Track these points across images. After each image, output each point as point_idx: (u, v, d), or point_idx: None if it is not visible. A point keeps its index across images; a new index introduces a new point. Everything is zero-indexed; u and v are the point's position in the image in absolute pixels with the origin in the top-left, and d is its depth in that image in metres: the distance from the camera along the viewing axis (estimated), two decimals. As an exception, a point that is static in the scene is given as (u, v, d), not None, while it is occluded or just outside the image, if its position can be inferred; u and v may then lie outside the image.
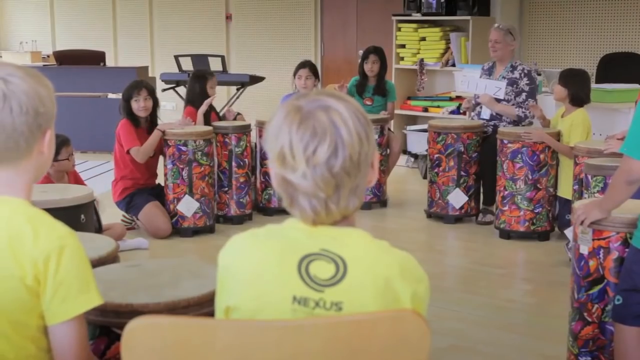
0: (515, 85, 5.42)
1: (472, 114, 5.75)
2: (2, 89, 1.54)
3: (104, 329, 1.97)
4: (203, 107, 5.44)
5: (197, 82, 5.58)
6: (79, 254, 1.57)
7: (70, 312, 1.55)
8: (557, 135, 4.85)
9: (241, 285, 1.36)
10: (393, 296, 1.33)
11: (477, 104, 5.65)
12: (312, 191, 1.32)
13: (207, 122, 5.46)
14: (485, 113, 5.55)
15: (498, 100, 5.44)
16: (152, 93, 5.10)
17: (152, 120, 5.17)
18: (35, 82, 1.60)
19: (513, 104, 5.42)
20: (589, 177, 3.95)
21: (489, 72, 5.63)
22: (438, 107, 7.62)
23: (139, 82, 5.15)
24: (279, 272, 1.33)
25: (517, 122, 5.39)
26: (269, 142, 1.37)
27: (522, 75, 5.43)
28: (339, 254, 1.34)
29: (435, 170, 5.44)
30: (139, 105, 5.02)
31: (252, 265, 1.36)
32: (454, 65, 7.48)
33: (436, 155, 5.43)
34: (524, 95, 5.40)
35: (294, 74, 6.02)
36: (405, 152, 7.40)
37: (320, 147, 1.31)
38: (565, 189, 4.78)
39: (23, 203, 1.60)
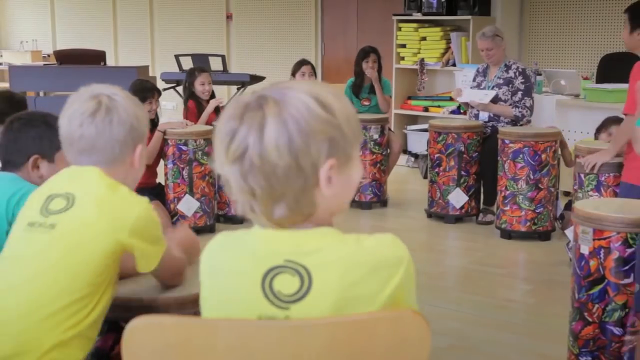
0: (510, 85, 5.42)
1: (470, 115, 5.75)
2: (107, 103, 1.90)
3: (113, 324, 1.97)
4: (209, 108, 5.45)
5: (187, 79, 5.64)
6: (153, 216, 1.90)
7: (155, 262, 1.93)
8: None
9: (210, 304, 1.33)
10: (363, 300, 1.26)
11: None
12: (237, 192, 1.28)
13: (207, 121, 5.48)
14: (483, 115, 5.56)
15: (495, 102, 5.44)
16: (159, 96, 5.21)
17: (152, 119, 5.19)
18: (133, 103, 1.96)
19: (510, 104, 5.42)
20: (582, 176, 3.98)
21: (484, 74, 5.64)
22: (438, 106, 7.62)
23: (154, 86, 5.25)
24: (245, 293, 1.27)
25: (515, 121, 5.38)
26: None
27: (517, 74, 5.42)
28: (302, 263, 1.25)
29: (436, 170, 5.44)
30: (151, 107, 5.07)
31: (220, 284, 1.32)
32: (454, 65, 7.48)
33: (437, 155, 5.43)
34: (519, 94, 5.40)
35: (294, 73, 6.03)
36: (405, 151, 7.40)
37: (231, 145, 1.23)
38: None
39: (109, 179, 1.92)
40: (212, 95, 5.74)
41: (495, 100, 5.45)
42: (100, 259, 1.83)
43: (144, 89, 5.10)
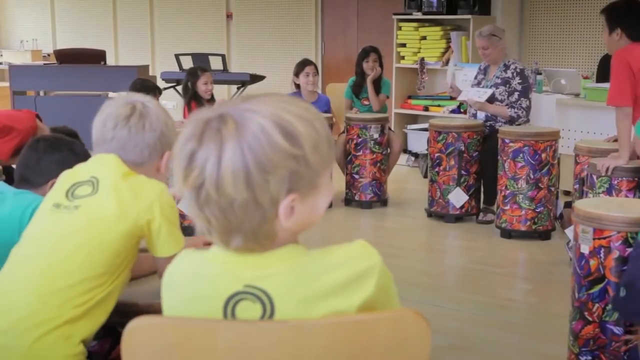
0: (507, 85, 5.42)
1: (470, 114, 5.76)
2: (140, 109, 2.02)
3: (109, 329, 1.97)
4: None
5: (189, 78, 5.62)
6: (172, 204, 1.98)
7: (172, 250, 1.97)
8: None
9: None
10: (335, 310, 1.22)
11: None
12: (193, 217, 1.23)
13: None
14: (481, 114, 5.57)
15: (493, 101, 5.45)
16: (159, 95, 5.28)
17: None
18: (164, 112, 2.07)
19: (507, 104, 5.42)
20: (594, 177, 3.94)
21: (484, 72, 5.65)
22: (439, 106, 7.62)
23: (155, 85, 5.32)
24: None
25: (511, 122, 5.38)
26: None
27: (515, 74, 5.42)
28: (263, 288, 1.20)
29: (436, 170, 5.44)
30: None
31: (181, 309, 1.28)
32: (455, 64, 7.47)
33: (437, 154, 5.43)
34: (516, 94, 5.40)
35: (297, 73, 6.03)
36: (405, 151, 7.40)
37: (191, 174, 1.17)
38: None
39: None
40: (212, 96, 5.74)
41: (491, 99, 5.45)
42: (119, 240, 1.90)
43: (146, 88, 5.13)
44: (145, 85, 5.20)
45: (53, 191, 1.99)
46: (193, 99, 5.59)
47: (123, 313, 1.94)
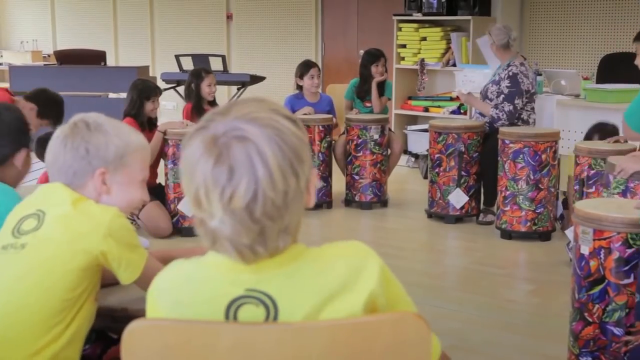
0: (498, 85, 5.44)
1: (474, 111, 5.79)
2: (72, 128, 1.92)
3: (101, 332, 1.97)
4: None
5: (193, 80, 5.58)
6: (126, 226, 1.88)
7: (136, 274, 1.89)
8: None
9: None
10: (340, 308, 1.22)
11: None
12: (234, 237, 1.19)
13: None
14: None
15: (485, 98, 5.49)
16: (160, 95, 5.27)
17: (153, 118, 5.22)
18: (102, 126, 1.94)
19: (496, 104, 5.43)
20: (611, 176, 3.92)
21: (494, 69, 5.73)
22: (439, 107, 7.62)
23: (156, 85, 5.27)
24: None
25: (492, 122, 5.40)
26: (184, 180, 1.22)
27: (506, 76, 5.42)
28: (265, 291, 1.21)
29: (436, 170, 5.44)
30: (154, 106, 5.13)
31: (179, 313, 1.27)
32: (454, 65, 7.47)
33: (437, 155, 5.43)
34: (501, 97, 5.40)
35: (301, 75, 6.01)
36: (405, 152, 7.40)
37: (237, 190, 1.16)
38: None
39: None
40: (214, 98, 5.72)
41: (484, 96, 5.49)
42: (72, 273, 1.81)
43: (149, 88, 5.13)
44: (146, 85, 5.19)
45: (2, 230, 1.90)
46: (191, 101, 5.56)
47: (113, 318, 1.93)
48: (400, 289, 1.32)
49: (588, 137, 5.33)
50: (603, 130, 5.19)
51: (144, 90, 5.11)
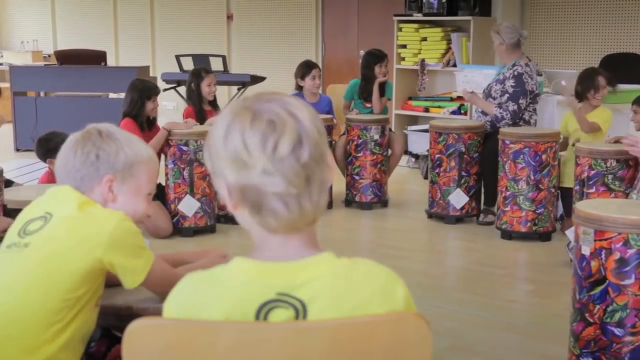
0: (502, 85, 5.43)
1: (475, 110, 5.79)
2: (85, 136, 1.95)
3: (106, 330, 1.98)
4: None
5: (193, 80, 5.58)
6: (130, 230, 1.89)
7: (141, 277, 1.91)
8: None
9: None
10: None
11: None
12: (282, 189, 1.20)
13: (203, 120, 5.45)
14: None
15: (488, 97, 5.48)
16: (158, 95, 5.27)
17: (152, 117, 5.22)
18: (114, 134, 1.99)
19: (499, 103, 5.42)
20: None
21: (500, 69, 5.72)
22: (439, 107, 7.62)
23: (155, 84, 5.28)
24: None
25: (495, 121, 5.39)
26: (217, 150, 1.24)
27: (511, 76, 5.41)
28: (297, 296, 1.22)
29: (436, 171, 5.44)
30: (154, 105, 5.13)
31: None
32: (455, 65, 7.48)
33: (437, 156, 5.43)
34: (506, 96, 5.40)
35: (302, 75, 6.00)
36: (406, 152, 7.40)
37: (282, 138, 1.20)
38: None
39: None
40: (214, 98, 5.72)
41: (487, 95, 5.48)
42: (74, 274, 1.83)
43: (149, 87, 5.13)
44: (146, 85, 5.18)
45: (10, 231, 1.94)
46: (192, 102, 5.56)
47: (118, 317, 1.93)
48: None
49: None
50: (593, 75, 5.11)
51: (144, 90, 5.11)
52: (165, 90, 8.25)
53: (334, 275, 1.24)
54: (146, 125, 5.12)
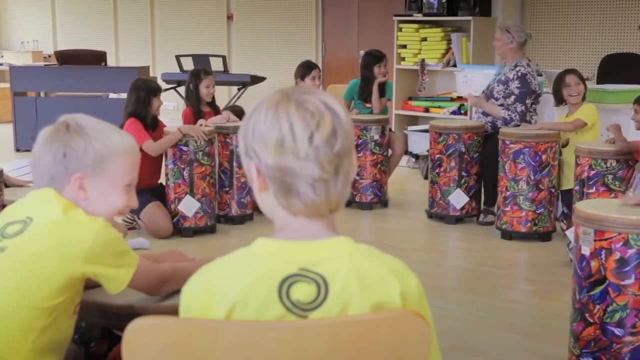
0: (506, 86, 5.42)
1: (475, 111, 5.77)
2: (52, 132, 1.89)
3: (107, 330, 1.97)
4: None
5: (192, 81, 5.56)
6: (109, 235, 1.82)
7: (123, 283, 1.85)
8: None
9: (220, 317, 1.29)
10: (380, 300, 1.28)
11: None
12: (316, 173, 1.28)
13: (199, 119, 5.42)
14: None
15: (490, 99, 5.47)
16: None
17: (156, 116, 5.22)
18: (83, 129, 1.89)
19: (502, 104, 5.42)
20: (638, 177, 3.92)
21: (502, 67, 5.70)
22: (439, 107, 7.62)
23: (158, 85, 5.29)
24: (261, 303, 1.27)
25: (504, 123, 5.38)
26: (259, 133, 1.31)
27: (515, 77, 5.41)
28: (318, 272, 1.28)
29: (436, 171, 5.44)
30: (160, 103, 5.15)
31: (232, 297, 1.28)
32: (455, 65, 7.48)
33: (437, 156, 5.43)
34: (512, 97, 5.40)
35: (302, 76, 5.97)
36: (406, 152, 7.40)
37: (320, 127, 1.29)
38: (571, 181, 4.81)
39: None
40: (213, 99, 5.71)
41: (489, 96, 5.47)
42: (49, 285, 1.77)
43: (153, 88, 5.13)
44: (148, 85, 5.17)
45: None
46: (190, 104, 5.54)
47: (119, 316, 1.92)
48: (429, 315, 1.38)
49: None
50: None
51: (150, 88, 5.10)
52: (165, 90, 8.25)
53: (352, 255, 1.31)
54: (151, 125, 5.11)
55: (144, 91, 5.06)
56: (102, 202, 1.87)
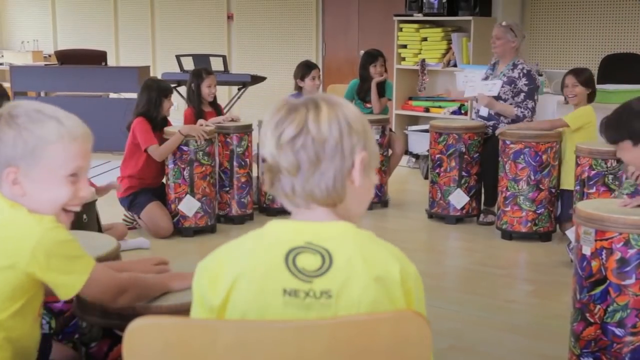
0: (513, 85, 5.42)
1: (475, 110, 5.76)
2: None
3: (107, 330, 1.97)
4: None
5: (193, 80, 5.55)
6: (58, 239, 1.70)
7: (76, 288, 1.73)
8: None
9: (227, 284, 1.35)
10: (381, 274, 1.35)
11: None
12: (283, 170, 1.36)
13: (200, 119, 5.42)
14: (484, 111, 5.56)
15: (497, 99, 5.45)
16: None
17: (165, 117, 5.21)
18: (18, 120, 1.73)
19: (511, 104, 5.42)
20: (624, 176, 3.92)
21: (493, 68, 5.66)
22: (439, 107, 7.62)
23: (169, 86, 5.27)
24: (268, 268, 1.35)
25: (516, 121, 5.38)
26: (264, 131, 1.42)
27: (521, 75, 5.42)
28: (323, 246, 1.35)
29: (437, 171, 5.44)
30: (171, 104, 5.14)
31: (240, 264, 1.36)
32: (455, 65, 7.48)
33: (437, 156, 5.43)
34: (522, 95, 5.40)
35: (302, 76, 5.96)
36: (406, 152, 7.40)
37: (288, 127, 1.34)
38: (570, 181, 4.80)
39: None
40: (215, 99, 5.70)
41: (496, 97, 5.46)
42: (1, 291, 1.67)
43: (165, 87, 5.13)
44: (160, 85, 5.14)
45: None
46: (191, 104, 5.54)
47: (120, 316, 1.92)
48: (423, 303, 1.42)
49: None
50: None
51: (161, 89, 5.09)
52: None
53: (356, 236, 1.39)
54: (160, 126, 5.10)
55: (155, 92, 5.05)
56: (42, 197, 1.71)
